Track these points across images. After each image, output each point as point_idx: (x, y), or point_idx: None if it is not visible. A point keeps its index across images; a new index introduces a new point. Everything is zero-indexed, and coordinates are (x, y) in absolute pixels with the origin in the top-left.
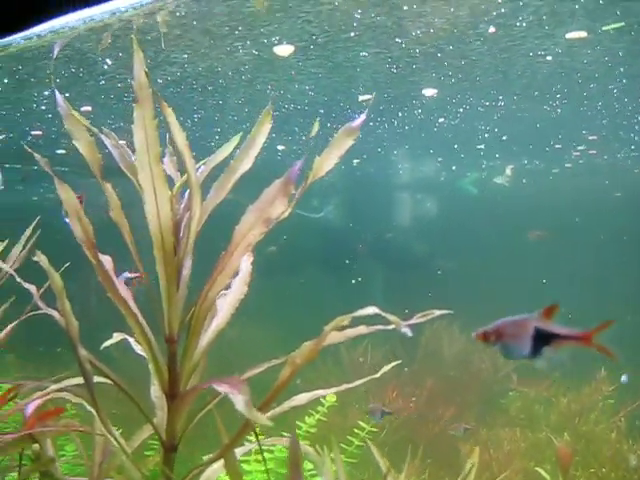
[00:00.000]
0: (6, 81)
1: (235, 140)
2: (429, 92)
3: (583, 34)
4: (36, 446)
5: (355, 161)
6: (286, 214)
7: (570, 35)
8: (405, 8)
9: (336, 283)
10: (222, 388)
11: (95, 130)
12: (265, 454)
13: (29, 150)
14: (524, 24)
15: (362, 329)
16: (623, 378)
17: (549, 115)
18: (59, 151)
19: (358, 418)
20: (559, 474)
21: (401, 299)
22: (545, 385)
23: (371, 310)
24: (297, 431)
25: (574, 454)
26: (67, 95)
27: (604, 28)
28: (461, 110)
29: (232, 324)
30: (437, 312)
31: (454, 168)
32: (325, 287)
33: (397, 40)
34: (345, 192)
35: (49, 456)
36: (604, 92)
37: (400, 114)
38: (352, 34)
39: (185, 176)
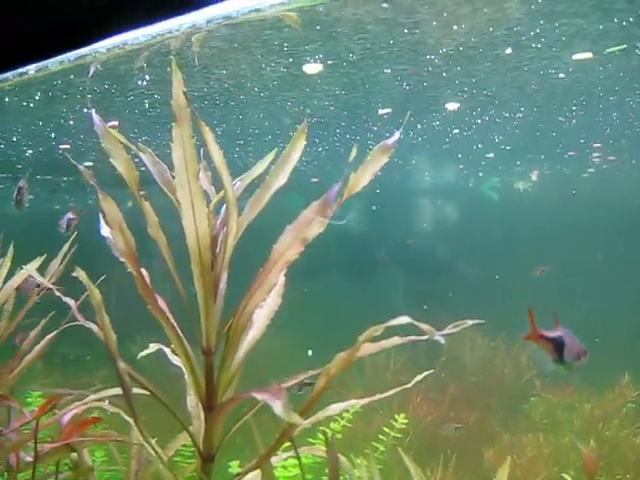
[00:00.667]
0: (37, 97)
1: (270, 156)
2: (452, 106)
3: (589, 55)
4: (74, 455)
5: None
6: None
7: (576, 56)
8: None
9: (358, 289)
10: (262, 397)
11: (133, 148)
12: (291, 460)
13: (73, 163)
14: (539, 45)
15: (396, 340)
16: None
17: (563, 125)
18: (87, 163)
19: (382, 424)
20: None
21: (423, 305)
22: (568, 391)
23: (404, 320)
24: (322, 437)
25: (598, 459)
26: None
27: (608, 50)
28: (479, 121)
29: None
30: (469, 322)
31: (480, 175)
32: (347, 293)
33: (427, 57)
34: (366, 199)
35: (87, 465)
36: (621, 104)
37: (419, 126)
38: (384, 52)
39: (221, 193)
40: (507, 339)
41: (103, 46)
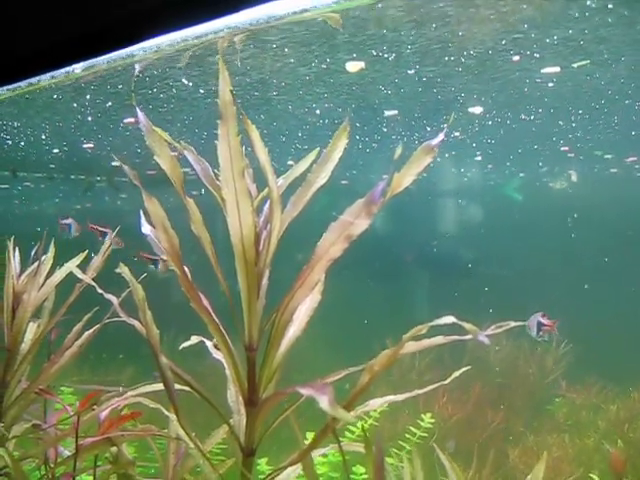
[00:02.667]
0: (67, 91)
1: (312, 155)
2: (476, 110)
3: (557, 69)
4: (114, 449)
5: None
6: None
7: (545, 70)
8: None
9: (382, 289)
10: (307, 391)
11: (178, 146)
12: (320, 458)
13: (118, 164)
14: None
15: (439, 339)
16: None
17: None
18: (114, 163)
19: (407, 423)
20: None
21: (447, 305)
22: (593, 391)
23: (449, 319)
24: (350, 435)
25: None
26: (111, 105)
27: (574, 65)
28: (490, 123)
29: None
30: (513, 323)
31: (506, 172)
32: (371, 293)
33: (446, 59)
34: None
35: (128, 458)
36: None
37: (430, 128)
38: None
39: (265, 191)
40: (531, 340)
41: (150, 46)
